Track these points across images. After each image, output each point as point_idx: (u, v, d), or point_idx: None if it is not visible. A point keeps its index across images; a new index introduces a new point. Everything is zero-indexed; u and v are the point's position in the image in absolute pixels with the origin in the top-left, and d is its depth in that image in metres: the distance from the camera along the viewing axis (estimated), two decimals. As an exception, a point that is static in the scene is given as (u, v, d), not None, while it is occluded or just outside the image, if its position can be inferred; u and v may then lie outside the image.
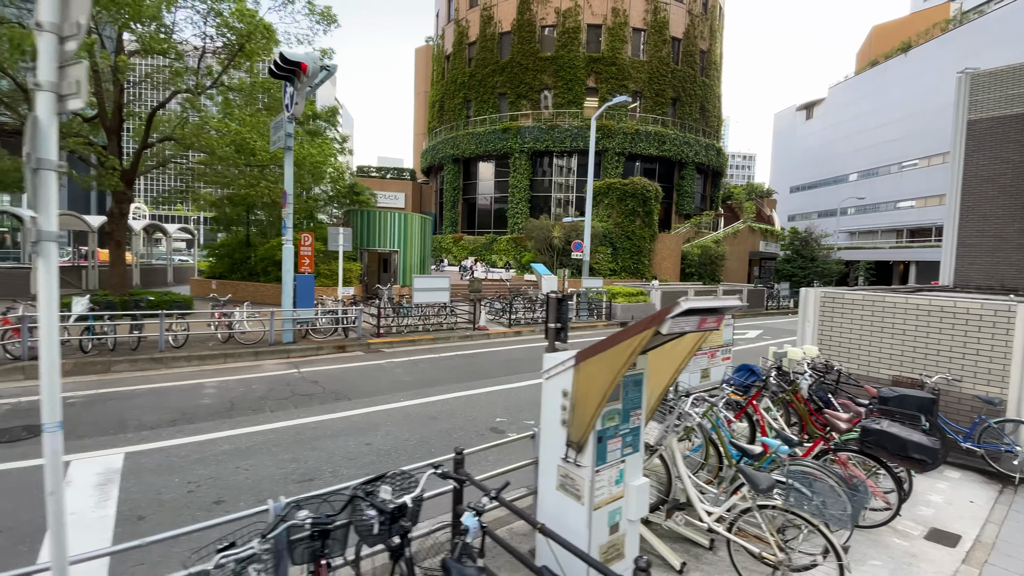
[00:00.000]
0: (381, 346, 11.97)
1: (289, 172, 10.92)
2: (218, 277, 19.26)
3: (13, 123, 12.93)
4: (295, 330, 11.29)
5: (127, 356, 9.15)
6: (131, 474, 4.84)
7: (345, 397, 7.75)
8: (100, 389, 7.67)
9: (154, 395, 7.46)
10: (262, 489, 4.68)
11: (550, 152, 39.35)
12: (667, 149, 39.76)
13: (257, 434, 6.03)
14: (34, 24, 1.99)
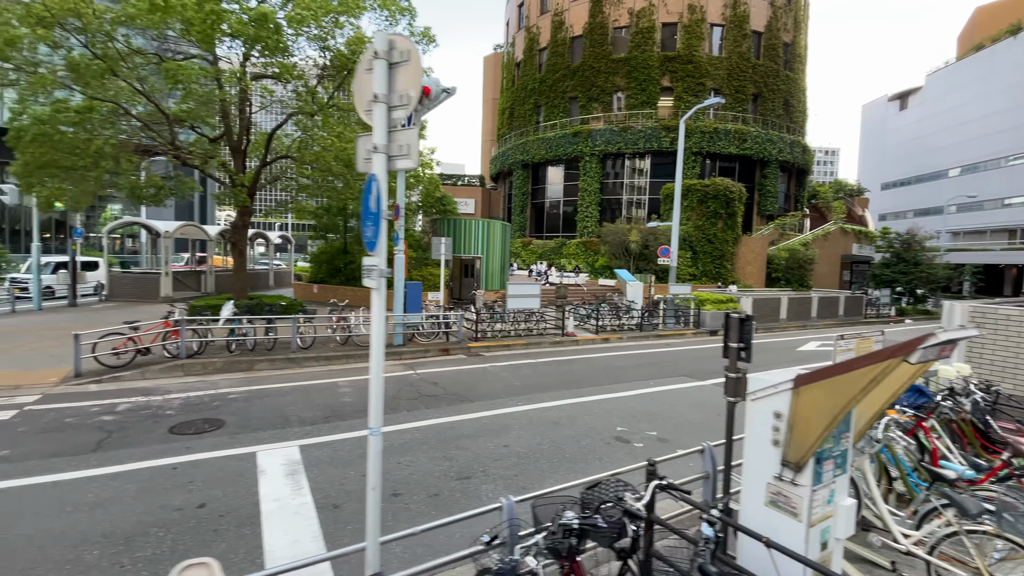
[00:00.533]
0: (480, 350, 12.44)
1: (401, 187, 11.64)
2: (319, 282, 20.74)
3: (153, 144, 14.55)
4: (404, 333, 12.00)
5: (265, 356, 10.16)
6: (312, 465, 5.43)
7: (467, 399, 8.18)
8: (252, 386, 8.58)
9: (300, 392, 8.25)
10: (429, 484, 5.10)
11: (622, 154, 38.87)
12: (748, 147, 38.06)
13: (404, 432, 6.54)
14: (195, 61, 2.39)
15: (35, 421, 6.46)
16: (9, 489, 4.63)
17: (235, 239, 15.57)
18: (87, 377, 8.53)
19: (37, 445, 5.65)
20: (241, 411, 7.16)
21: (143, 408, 7.14)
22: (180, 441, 5.94)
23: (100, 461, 5.29)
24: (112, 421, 6.53)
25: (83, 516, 4.23)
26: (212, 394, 7.97)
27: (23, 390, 7.87)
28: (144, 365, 9.14)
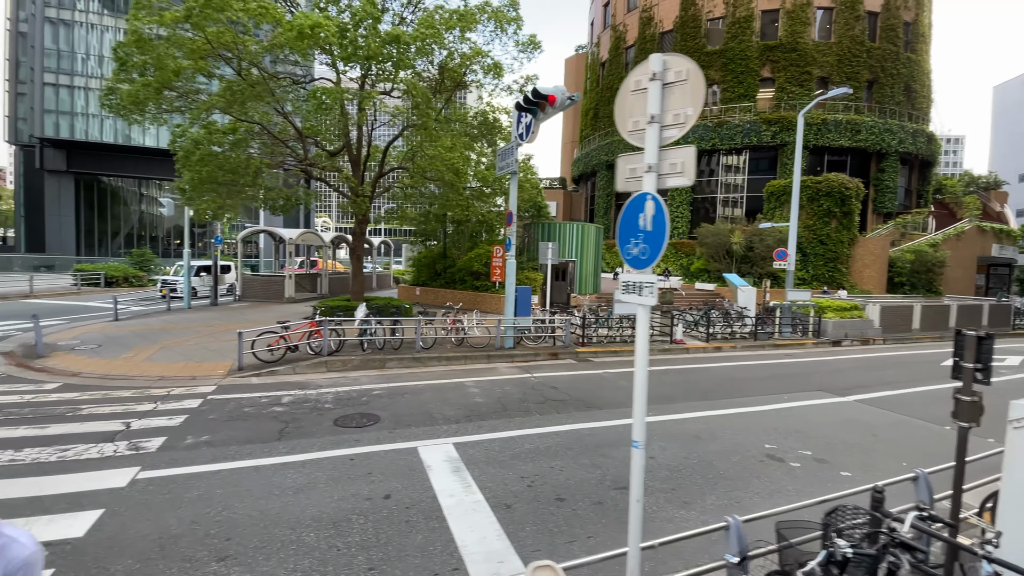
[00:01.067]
0: (588, 355, 12.36)
1: (514, 194, 11.89)
2: (421, 285, 21.75)
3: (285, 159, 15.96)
4: (513, 336, 12.22)
5: (394, 355, 10.79)
6: (470, 464, 5.65)
7: (594, 406, 8.14)
8: (389, 383, 9.14)
9: (434, 391, 8.66)
10: (588, 491, 5.12)
11: (716, 151, 37.02)
12: (862, 139, 34.72)
13: (544, 436, 6.63)
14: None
15: (220, 410, 7.31)
16: (221, 471, 5.26)
17: (354, 245, 16.73)
18: (248, 371, 9.54)
19: (230, 432, 6.39)
20: (389, 407, 7.63)
21: (304, 401, 7.85)
22: (347, 433, 6.45)
23: (287, 449, 5.87)
24: (283, 412, 7.24)
25: (290, 500, 4.70)
26: (358, 390, 8.59)
27: (199, 381, 8.96)
28: (293, 361, 10.07)
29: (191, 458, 5.53)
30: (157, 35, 11.22)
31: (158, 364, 9.88)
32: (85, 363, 9.84)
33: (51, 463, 5.28)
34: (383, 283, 29.81)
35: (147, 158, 49.47)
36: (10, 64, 49.34)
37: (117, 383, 8.63)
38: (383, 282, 29.95)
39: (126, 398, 7.77)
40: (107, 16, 48.05)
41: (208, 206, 13.21)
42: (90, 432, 6.20)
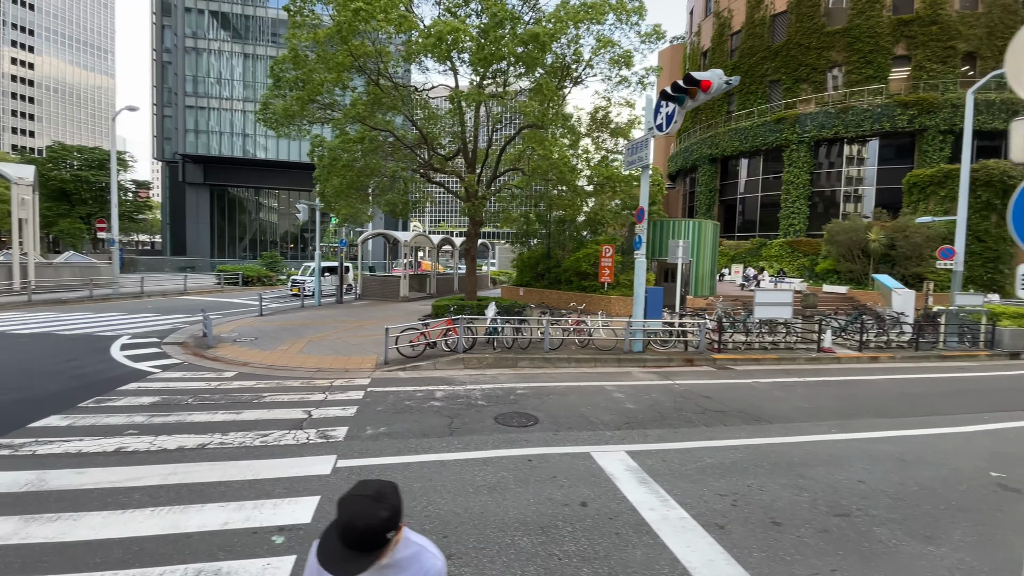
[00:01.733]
0: (726, 362, 11.48)
1: (645, 189, 11.34)
2: (524, 285, 21.78)
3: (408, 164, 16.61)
4: (643, 340, 11.67)
5: (523, 354, 10.71)
6: (656, 475, 5.27)
7: (762, 420, 7.42)
8: (528, 383, 9.02)
9: (578, 394, 8.39)
10: (804, 516, 4.53)
11: (839, 140, 33.57)
12: None
13: (723, 450, 6.08)
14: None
15: (383, 402, 7.57)
16: (411, 464, 5.34)
17: (468, 246, 17.06)
18: (393, 365, 9.91)
19: (402, 424, 6.54)
20: (541, 408, 7.47)
21: (456, 397, 7.93)
22: (512, 432, 6.35)
23: (462, 445, 5.87)
24: (443, 407, 7.33)
25: (488, 499, 4.62)
26: (502, 388, 8.55)
27: (352, 373, 9.42)
28: (432, 357, 10.32)
29: (378, 449, 5.68)
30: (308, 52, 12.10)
31: (311, 357, 10.58)
32: (249, 354, 10.79)
33: (256, 447, 5.67)
34: (481, 284, 30.32)
35: (263, 170, 54.80)
36: (157, 90, 56.86)
37: (282, 373, 9.32)
38: (481, 283, 30.45)
39: (297, 387, 8.32)
40: (234, 43, 53.84)
41: (347, 210, 14.07)
42: (279, 419, 6.64)
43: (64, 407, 6.91)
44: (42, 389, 7.82)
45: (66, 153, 50.86)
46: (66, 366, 9.38)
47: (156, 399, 7.41)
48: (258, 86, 54.71)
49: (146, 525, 4.01)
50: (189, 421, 6.45)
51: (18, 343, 11.41)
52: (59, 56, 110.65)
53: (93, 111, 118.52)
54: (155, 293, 22.62)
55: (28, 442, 5.62)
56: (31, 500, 4.35)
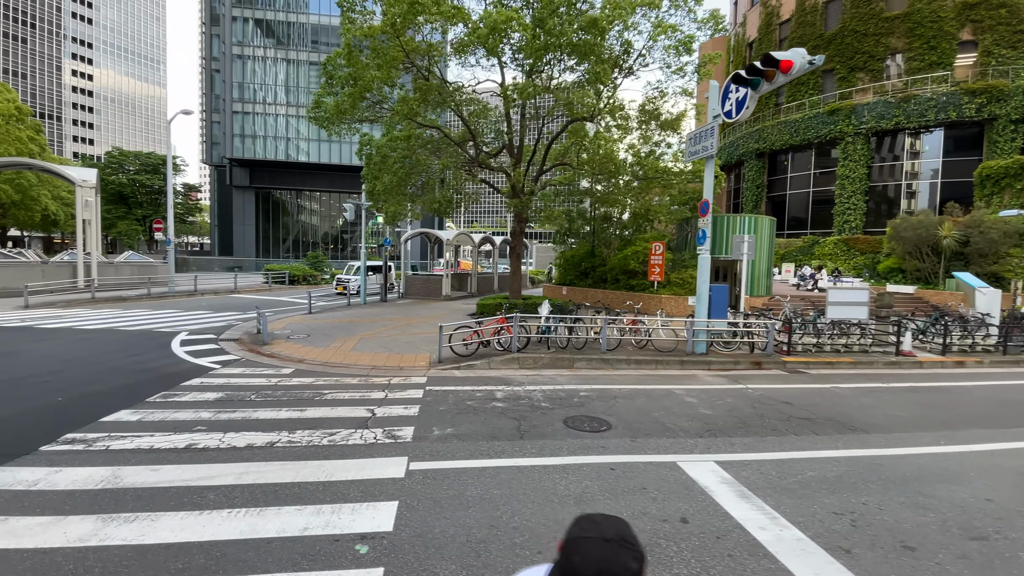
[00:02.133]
0: (797, 365, 10.73)
1: (709, 181, 10.74)
2: (568, 284, 21.30)
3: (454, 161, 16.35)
4: (706, 341, 11.05)
5: (579, 355, 10.28)
6: (756, 489, 4.77)
7: (858, 429, 6.75)
8: (589, 384, 8.60)
9: (646, 397, 7.91)
10: (936, 540, 3.94)
11: (899, 130, 31.60)
12: (1115, 104, 27.18)
13: (822, 462, 5.50)
14: None
15: (444, 401, 7.30)
16: (486, 468, 5.01)
17: (513, 244, 16.75)
18: (447, 363, 9.67)
19: (469, 426, 6.24)
20: (610, 412, 7.04)
21: (518, 398, 7.59)
22: (586, 438, 5.95)
23: (536, 450, 5.51)
24: (507, 408, 7.00)
25: (576, 511, 4.23)
26: (564, 390, 8.16)
27: (407, 371, 9.22)
28: (485, 356, 10.03)
29: (449, 451, 5.39)
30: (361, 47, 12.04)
31: (365, 354, 10.47)
32: (303, 351, 10.77)
33: (325, 447, 5.47)
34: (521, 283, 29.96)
35: (305, 172, 56.25)
36: (206, 97, 59.17)
37: (339, 371, 9.21)
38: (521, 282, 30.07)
39: (355, 385, 8.16)
40: (277, 50, 55.42)
41: (396, 208, 14.00)
42: (343, 417, 6.45)
43: (133, 401, 6.94)
44: (110, 383, 7.93)
45: (124, 158, 53.57)
46: (131, 361, 9.56)
47: (220, 395, 7.38)
48: (300, 91, 56.21)
49: (225, 528, 3.82)
50: (255, 418, 6.34)
51: (86, 338, 11.78)
52: (116, 68, 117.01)
53: (147, 119, 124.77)
54: (207, 291, 23.32)
55: (101, 437, 5.60)
56: (108, 498, 4.24)
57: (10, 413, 6.34)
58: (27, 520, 3.85)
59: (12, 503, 4.11)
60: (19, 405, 6.68)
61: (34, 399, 6.96)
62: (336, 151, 56.47)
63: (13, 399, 6.93)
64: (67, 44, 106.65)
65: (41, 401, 6.89)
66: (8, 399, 6.93)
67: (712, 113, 10.46)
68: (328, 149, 56.35)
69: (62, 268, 21.49)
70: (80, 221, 21.17)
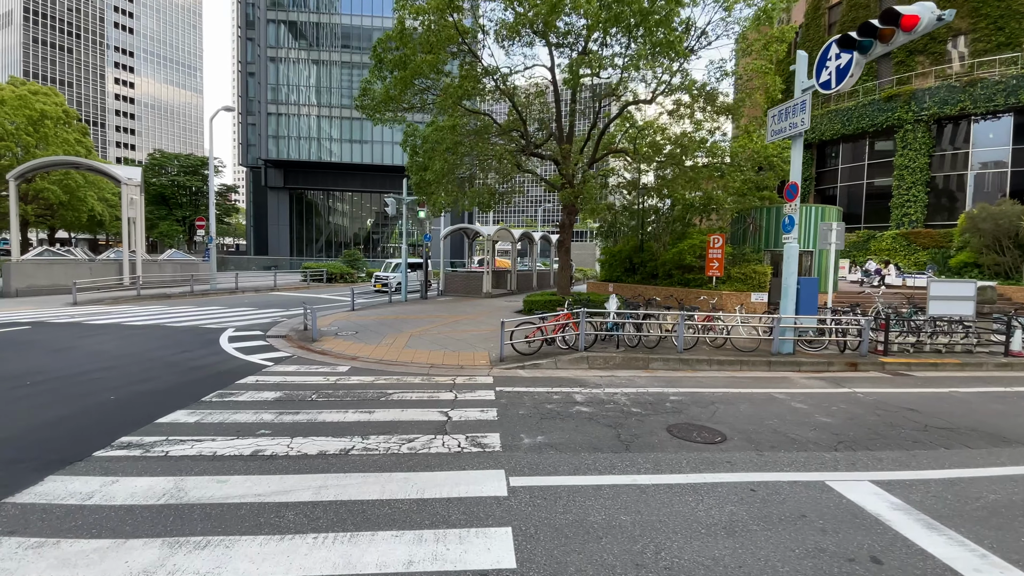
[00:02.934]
0: (897, 367, 9.59)
1: (798, 160, 9.74)
2: (614, 280, 20.34)
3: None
4: (793, 340, 10.00)
5: (654, 354, 9.39)
6: (940, 517, 3.83)
7: (1015, 441, 5.70)
8: (676, 388, 7.71)
9: (748, 403, 6.99)
10: None
11: (964, 116, 29.43)
12: None
13: (1000, 482, 4.50)
14: None
15: (520, 404, 6.55)
16: (601, 487, 4.22)
17: (562, 237, 15.92)
18: (509, 362, 8.92)
19: (560, 434, 5.47)
20: (715, 419, 6.16)
21: (602, 402, 6.78)
22: (704, 450, 5.10)
23: (650, 465, 4.69)
24: (594, 413, 6.20)
25: (734, 546, 3.40)
26: (648, 392, 7.31)
27: (468, 371, 8.51)
28: (550, 355, 9.25)
29: (549, 465, 4.62)
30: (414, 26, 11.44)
31: (419, 352, 9.82)
32: (354, 348, 10.20)
33: (406, 456, 4.78)
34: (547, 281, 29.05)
35: (337, 173, 56.54)
36: (241, 99, 60.16)
37: (397, 369, 8.57)
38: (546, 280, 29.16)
39: (419, 385, 7.49)
40: (311, 51, 55.95)
41: (446, 198, 13.36)
42: (416, 421, 5.76)
43: (188, 401, 6.41)
44: (163, 381, 7.46)
45: (165, 160, 54.88)
46: (181, 357, 9.14)
47: (278, 394, 6.80)
48: (332, 92, 56.59)
49: (313, 559, 3.14)
50: (321, 421, 5.71)
51: (134, 334, 11.51)
52: (155, 75, 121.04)
53: (184, 124, 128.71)
54: (248, 289, 23.24)
55: (159, 441, 5.04)
56: (172, 517, 3.62)
57: (63, 413, 5.88)
58: (82, 544, 3.24)
59: (65, 521, 3.53)
60: (72, 405, 6.22)
61: (86, 398, 6.51)
62: (368, 151, 56.66)
63: (65, 398, 6.49)
64: (110, 53, 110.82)
65: (94, 400, 6.43)
66: (60, 398, 6.49)
67: (801, 86, 9.44)
68: (360, 150, 56.58)
69: (108, 266, 21.70)
70: (126, 219, 21.32)
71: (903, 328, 10.46)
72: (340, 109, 56.75)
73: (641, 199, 19.69)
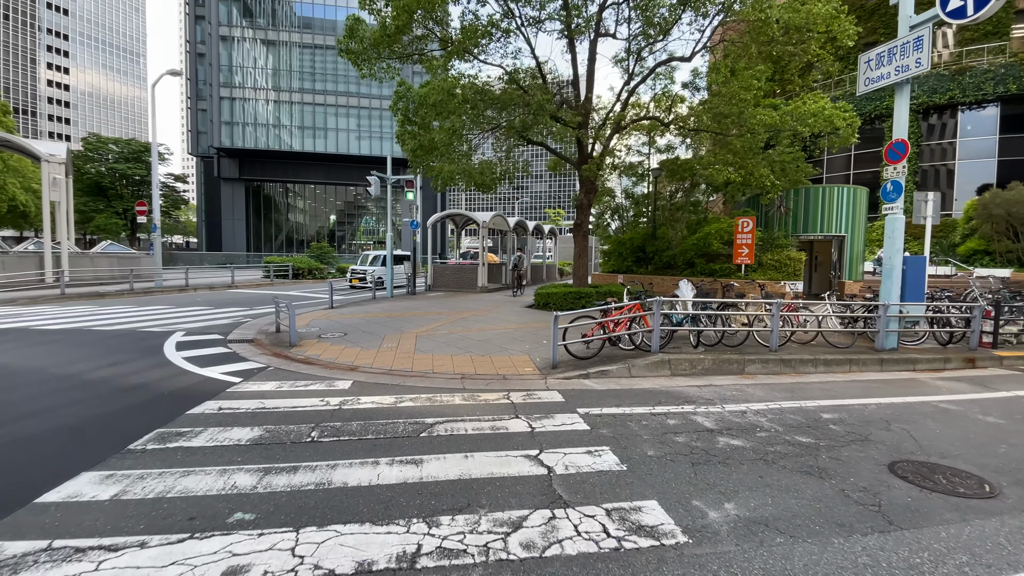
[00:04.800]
0: (1015, 362, 7.99)
1: (903, 115, 7.96)
2: (624, 271, 18.42)
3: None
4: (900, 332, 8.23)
5: (743, 355, 7.41)
6: None
7: None
8: (814, 401, 5.72)
9: (929, 420, 5.05)
10: None
11: (952, 105, 29.24)
12: None
13: None
14: None
15: (632, 436, 4.38)
16: None
17: (579, 220, 13.82)
18: (565, 369, 6.74)
19: (750, 494, 3.33)
20: (930, 448, 4.16)
21: (748, 427, 4.68)
22: (994, 516, 3.07)
23: (969, 558, 2.62)
24: (757, 448, 4.09)
25: None
26: (785, 409, 5.28)
27: (513, 382, 6.27)
28: (617, 358, 7.11)
29: (791, 572, 2.47)
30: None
31: (437, 357, 7.50)
32: (349, 353, 7.77)
33: (527, 563, 2.52)
34: (550, 275, 26.99)
35: (298, 163, 52.59)
36: (190, 83, 55.20)
37: (418, 382, 6.23)
38: (549, 273, 27.08)
39: (464, 407, 5.19)
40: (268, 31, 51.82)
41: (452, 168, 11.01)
42: (499, 477, 3.50)
43: (106, 452, 3.91)
44: (70, 414, 4.87)
45: (102, 145, 49.28)
46: (108, 373, 6.48)
47: (257, 432, 4.37)
48: (292, 75, 52.63)
49: None
50: (340, 485, 3.35)
51: (47, 341, 8.63)
52: (93, 60, 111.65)
53: (126, 114, 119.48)
54: (201, 286, 20.03)
55: (32, 554, 2.58)
56: None
57: None
58: None
59: None
60: None
61: (-75, 450, 3.90)
62: (331, 140, 53.05)
63: None
64: (42, 36, 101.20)
65: (-63, 454, 3.83)
66: None
67: (910, 21, 7.68)
68: (323, 138, 52.90)
69: (25, 259, 18.08)
70: (47, 203, 17.79)
71: (1009, 316, 8.91)
72: (300, 94, 52.78)
73: (657, 181, 17.84)
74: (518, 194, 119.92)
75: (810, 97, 12.27)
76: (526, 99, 9.70)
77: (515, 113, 10.29)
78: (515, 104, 10.17)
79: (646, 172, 17.45)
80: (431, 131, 10.54)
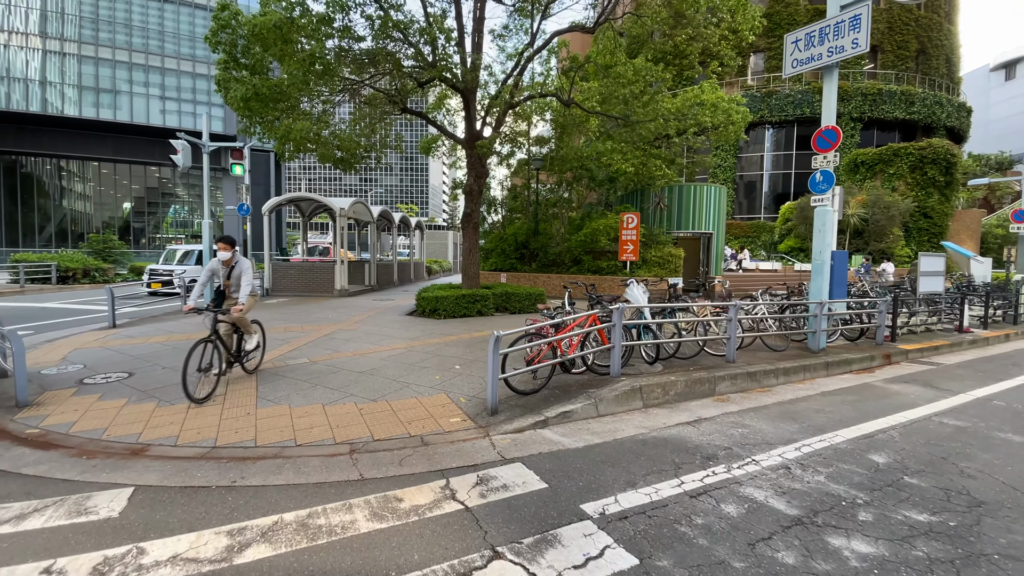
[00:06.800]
0: (915, 354, 8.19)
1: (832, 100, 7.50)
2: (506, 270, 16.79)
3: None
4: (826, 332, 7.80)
5: (707, 371, 6.10)
6: None
7: None
8: (832, 434, 4.50)
9: (951, 442, 4.10)
10: None
11: (762, 123, 34.04)
12: (915, 112, 32.72)
13: None
14: None
15: (680, 561, 2.47)
16: None
17: (469, 211, 11.68)
18: (509, 414, 4.62)
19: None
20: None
21: (825, 503, 3.09)
22: None
23: None
24: (874, 557, 2.49)
25: None
26: (822, 454, 3.90)
27: (441, 449, 3.97)
28: (571, 390, 5.18)
29: None
30: None
31: (300, 411, 4.74)
32: (132, 415, 4.57)
33: None
34: (417, 273, 24.26)
35: (75, 133, 40.64)
36: None
37: (269, 474, 3.49)
38: (416, 271, 24.34)
39: (385, 544, 2.70)
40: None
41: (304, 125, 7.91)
42: None
43: None
44: None
45: None
46: None
47: None
48: (67, 19, 40.51)
49: None
50: None
51: None
52: None
53: None
54: None
55: None
56: None
57: None
58: None
59: None
60: None
61: None
62: (125, 106, 42.25)
63: None
64: None
65: None
66: None
67: (840, 1, 7.19)
68: (112, 103, 41.80)
69: None
70: None
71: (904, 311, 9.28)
72: (78, 44, 40.86)
73: (536, 173, 16.56)
74: (368, 186, 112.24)
75: (708, 85, 11.95)
76: (412, 52, 7.25)
77: (390, 69, 7.72)
78: (391, 58, 7.64)
79: (527, 162, 16.04)
80: (270, 80, 7.39)
